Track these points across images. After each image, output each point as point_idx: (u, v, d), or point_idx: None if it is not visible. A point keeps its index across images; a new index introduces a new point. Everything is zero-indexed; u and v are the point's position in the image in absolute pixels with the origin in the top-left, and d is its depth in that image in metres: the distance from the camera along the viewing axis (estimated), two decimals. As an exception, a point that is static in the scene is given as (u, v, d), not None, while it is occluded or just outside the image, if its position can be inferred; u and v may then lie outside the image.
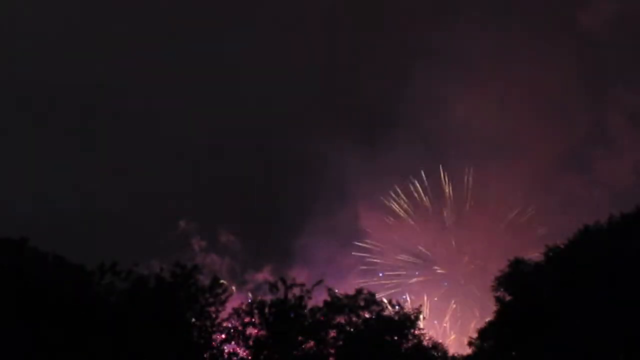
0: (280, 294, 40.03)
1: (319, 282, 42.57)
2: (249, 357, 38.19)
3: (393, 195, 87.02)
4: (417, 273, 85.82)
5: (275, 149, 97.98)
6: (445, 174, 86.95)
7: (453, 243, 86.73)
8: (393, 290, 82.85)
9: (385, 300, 42.52)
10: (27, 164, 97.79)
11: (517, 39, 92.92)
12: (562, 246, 37.91)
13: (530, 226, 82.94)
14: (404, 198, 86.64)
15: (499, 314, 38.77)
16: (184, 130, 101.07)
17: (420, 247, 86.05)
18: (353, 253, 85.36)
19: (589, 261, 34.23)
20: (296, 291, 39.95)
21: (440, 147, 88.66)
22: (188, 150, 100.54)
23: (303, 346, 38.89)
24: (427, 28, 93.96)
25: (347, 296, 41.31)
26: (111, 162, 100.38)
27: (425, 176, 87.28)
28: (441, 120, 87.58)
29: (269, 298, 40.37)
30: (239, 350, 38.50)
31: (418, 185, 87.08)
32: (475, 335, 40.82)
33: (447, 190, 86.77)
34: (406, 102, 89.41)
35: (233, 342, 38.38)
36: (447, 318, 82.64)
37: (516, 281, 38.07)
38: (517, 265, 38.90)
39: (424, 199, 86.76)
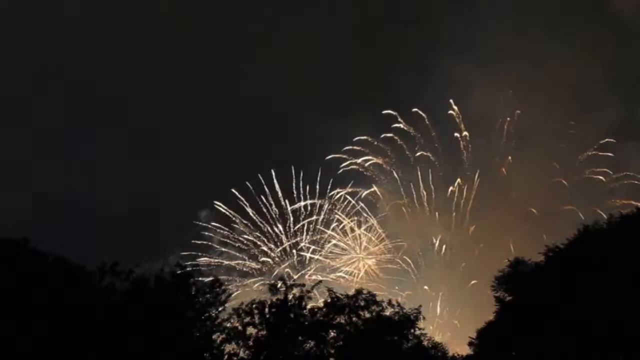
0: (281, 294, 40.05)
1: (319, 282, 42.66)
2: (249, 358, 38.15)
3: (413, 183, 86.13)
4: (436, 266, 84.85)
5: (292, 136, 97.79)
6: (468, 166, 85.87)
7: (471, 235, 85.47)
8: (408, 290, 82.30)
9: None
10: (27, 164, 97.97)
11: (543, 28, 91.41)
12: (562, 246, 37.91)
13: (557, 220, 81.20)
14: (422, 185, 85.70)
15: (499, 314, 38.80)
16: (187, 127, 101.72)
17: (436, 239, 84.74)
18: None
19: (589, 261, 34.22)
20: (296, 291, 39.99)
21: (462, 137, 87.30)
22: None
23: (303, 346, 38.87)
24: (449, 17, 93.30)
25: (347, 296, 41.33)
26: (117, 160, 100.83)
27: (447, 165, 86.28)
28: (463, 110, 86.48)
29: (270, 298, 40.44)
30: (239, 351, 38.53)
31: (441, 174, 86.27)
32: (475, 335, 40.91)
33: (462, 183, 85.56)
34: (429, 92, 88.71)
35: (233, 343, 38.33)
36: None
37: (516, 281, 38.08)
38: (517, 265, 38.91)
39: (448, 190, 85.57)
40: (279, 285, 40.35)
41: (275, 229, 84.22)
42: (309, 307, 39.99)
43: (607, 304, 32.11)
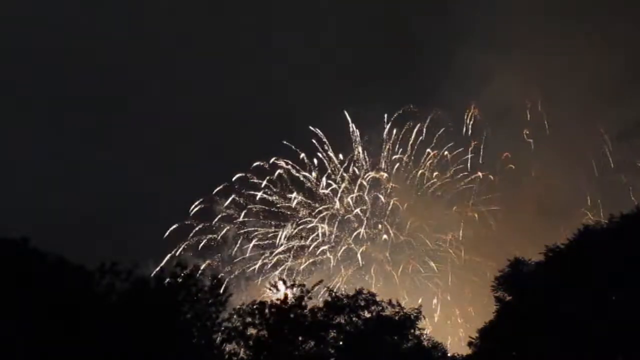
0: (281, 294, 40.10)
1: (319, 282, 42.74)
2: (249, 358, 38.18)
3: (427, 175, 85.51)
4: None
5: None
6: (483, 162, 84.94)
7: (489, 233, 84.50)
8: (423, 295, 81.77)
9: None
10: (28, 163, 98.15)
11: (562, 17, 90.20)
12: (562, 246, 37.89)
13: (578, 220, 79.79)
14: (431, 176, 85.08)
15: (499, 314, 38.77)
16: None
17: (454, 237, 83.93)
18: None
19: (589, 261, 34.21)
20: (296, 291, 40.02)
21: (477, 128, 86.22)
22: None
23: (303, 346, 38.90)
24: (466, 7, 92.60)
25: (347, 296, 41.37)
26: (117, 160, 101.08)
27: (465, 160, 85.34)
28: (480, 102, 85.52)
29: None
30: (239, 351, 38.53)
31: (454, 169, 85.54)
32: (475, 335, 40.89)
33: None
34: (445, 84, 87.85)
35: (233, 343, 38.36)
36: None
37: (516, 281, 38.06)
38: (517, 265, 38.89)
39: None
40: (279, 285, 40.45)
41: (282, 230, 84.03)
42: (309, 307, 40.06)
43: (607, 304, 32.11)
